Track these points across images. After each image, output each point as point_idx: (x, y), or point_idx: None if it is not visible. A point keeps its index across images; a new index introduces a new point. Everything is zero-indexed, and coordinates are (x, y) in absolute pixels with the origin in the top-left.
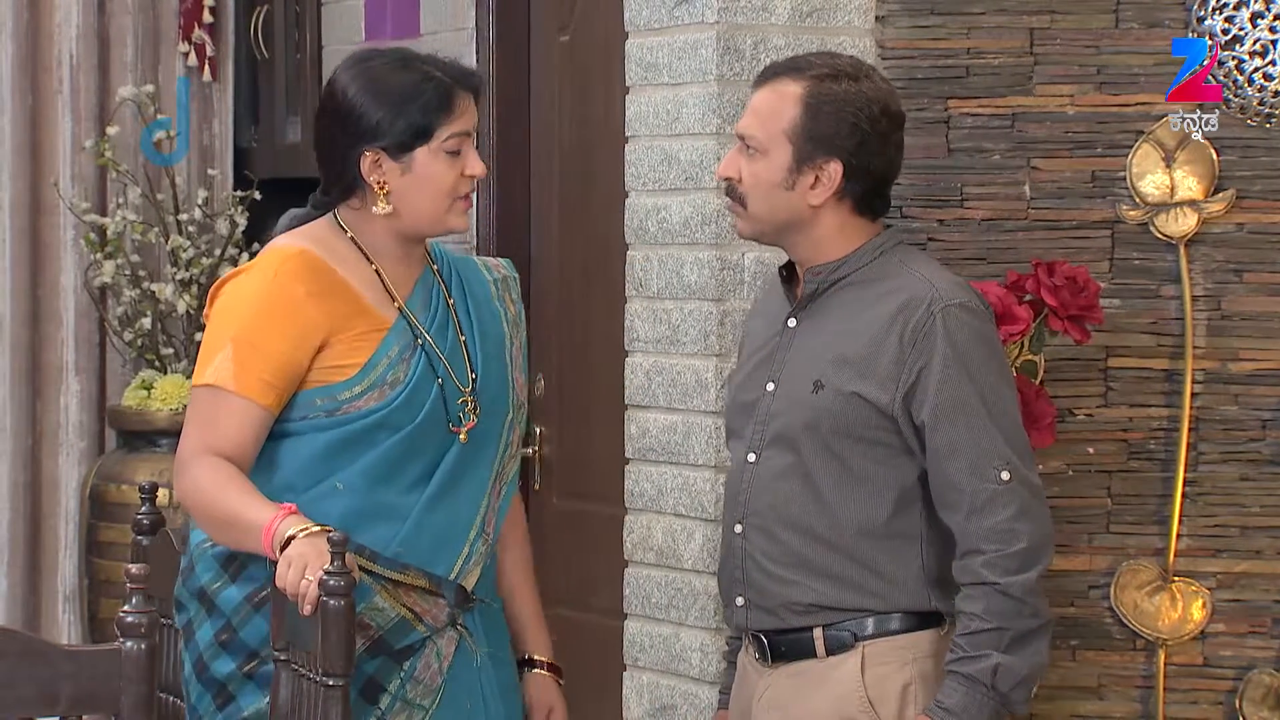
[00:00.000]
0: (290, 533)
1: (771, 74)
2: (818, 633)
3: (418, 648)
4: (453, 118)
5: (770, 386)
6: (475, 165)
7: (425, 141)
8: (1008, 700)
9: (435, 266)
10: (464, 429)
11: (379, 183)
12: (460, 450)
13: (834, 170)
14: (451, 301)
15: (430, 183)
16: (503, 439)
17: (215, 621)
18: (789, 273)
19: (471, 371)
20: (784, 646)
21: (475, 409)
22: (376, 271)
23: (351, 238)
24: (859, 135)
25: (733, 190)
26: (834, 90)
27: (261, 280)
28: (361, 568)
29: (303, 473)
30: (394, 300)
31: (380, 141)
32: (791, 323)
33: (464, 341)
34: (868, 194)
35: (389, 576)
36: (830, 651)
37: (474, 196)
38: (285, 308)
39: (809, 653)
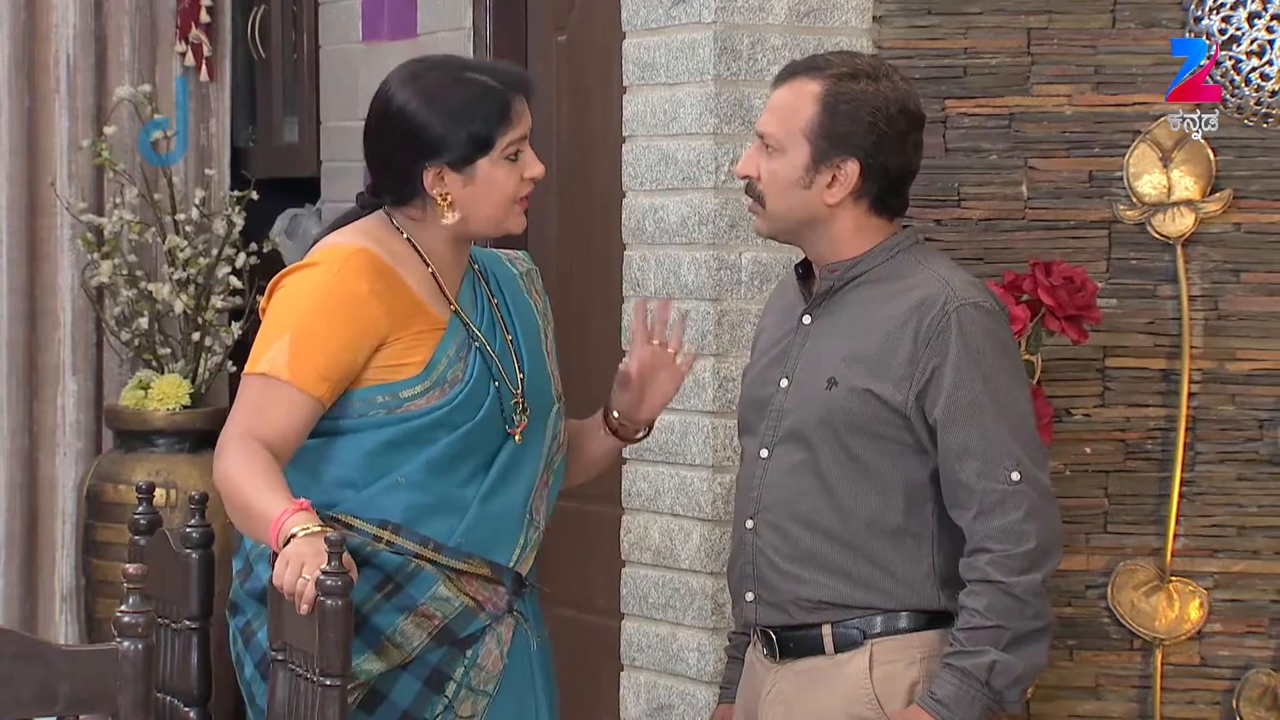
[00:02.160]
0: (292, 531)
1: (791, 72)
2: (826, 630)
3: (479, 636)
4: (511, 126)
5: (784, 383)
6: (535, 167)
7: (487, 153)
8: (1001, 698)
9: (476, 266)
10: (518, 429)
11: (443, 195)
12: (514, 448)
13: (851, 170)
14: (495, 301)
15: (493, 190)
16: (549, 432)
17: None
18: (805, 270)
19: (520, 371)
20: (792, 643)
21: (525, 409)
22: (432, 273)
23: (408, 238)
24: (876, 135)
25: (751, 188)
26: (852, 90)
27: (325, 274)
28: (425, 558)
29: (362, 469)
30: (449, 300)
31: (444, 157)
32: (806, 320)
33: (510, 341)
34: (884, 194)
35: (453, 566)
36: (839, 649)
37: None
38: (347, 303)
39: (817, 649)
